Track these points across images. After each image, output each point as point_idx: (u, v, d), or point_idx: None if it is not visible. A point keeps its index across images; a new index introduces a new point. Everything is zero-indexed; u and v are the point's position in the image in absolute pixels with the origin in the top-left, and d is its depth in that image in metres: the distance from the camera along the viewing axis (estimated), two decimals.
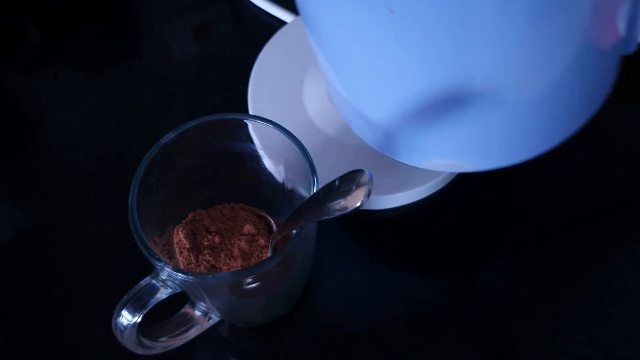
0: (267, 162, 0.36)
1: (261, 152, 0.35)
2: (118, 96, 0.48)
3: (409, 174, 0.41)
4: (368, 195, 0.25)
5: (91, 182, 0.43)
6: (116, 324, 0.30)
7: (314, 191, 0.31)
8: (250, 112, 0.44)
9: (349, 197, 0.26)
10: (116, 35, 0.52)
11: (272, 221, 0.37)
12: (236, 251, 0.35)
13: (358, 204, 0.25)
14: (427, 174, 0.41)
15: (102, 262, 0.40)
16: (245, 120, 0.32)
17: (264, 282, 0.33)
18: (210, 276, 0.30)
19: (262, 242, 0.35)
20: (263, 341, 0.38)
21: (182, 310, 0.35)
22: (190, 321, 0.35)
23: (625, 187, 0.42)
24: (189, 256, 0.35)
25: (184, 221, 0.36)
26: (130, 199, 0.30)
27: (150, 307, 0.30)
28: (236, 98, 0.46)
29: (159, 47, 0.50)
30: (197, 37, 0.51)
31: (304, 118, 0.43)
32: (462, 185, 0.42)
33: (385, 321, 0.38)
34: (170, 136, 0.31)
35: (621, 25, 0.31)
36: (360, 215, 0.42)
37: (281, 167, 0.36)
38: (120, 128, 0.46)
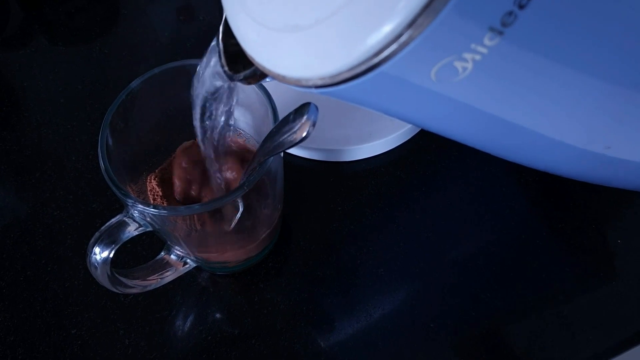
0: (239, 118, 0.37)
1: None
2: (96, 66, 0.49)
3: (378, 124, 0.42)
4: (313, 125, 0.27)
5: (72, 145, 0.45)
6: (89, 261, 0.31)
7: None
8: None
9: (298, 131, 0.28)
10: (96, 10, 0.53)
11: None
12: (207, 199, 0.36)
13: (304, 135, 0.27)
14: (395, 125, 0.42)
15: (84, 217, 0.42)
16: None
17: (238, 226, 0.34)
18: (182, 208, 0.30)
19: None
20: (239, 286, 0.39)
21: (159, 257, 0.36)
22: (166, 266, 0.36)
23: None
24: (162, 203, 0.36)
25: (156, 170, 0.37)
26: (100, 139, 0.31)
27: (121, 243, 0.31)
28: None
29: (137, 18, 0.52)
30: (178, 11, 0.52)
31: None
32: (429, 137, 0.43)
33: (357, 267, 0.39)
34: (137, 82, 0.32)
35: None
36: (334, 166, 0.43)
37: (249, 120, 0.37)
38: (99, 94, 0.47)
